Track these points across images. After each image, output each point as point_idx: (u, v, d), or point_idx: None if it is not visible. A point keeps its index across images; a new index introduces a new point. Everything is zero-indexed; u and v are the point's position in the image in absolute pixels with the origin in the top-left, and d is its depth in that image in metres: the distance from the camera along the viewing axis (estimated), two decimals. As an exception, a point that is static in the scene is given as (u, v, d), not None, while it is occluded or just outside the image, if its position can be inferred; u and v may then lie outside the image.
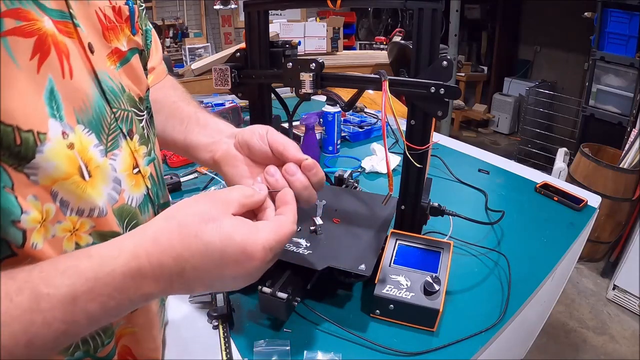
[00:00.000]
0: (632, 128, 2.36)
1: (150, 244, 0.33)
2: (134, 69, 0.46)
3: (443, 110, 0.59)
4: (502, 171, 1.19)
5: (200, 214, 0.35)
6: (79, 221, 0.36)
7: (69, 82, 0.35)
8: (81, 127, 0.36)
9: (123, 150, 0.41)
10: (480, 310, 0.66)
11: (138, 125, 0.45)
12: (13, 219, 0.30)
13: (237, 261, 0.34)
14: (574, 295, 2.13)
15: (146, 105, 0.49)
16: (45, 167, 0.32)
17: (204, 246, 0.33)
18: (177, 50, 4.43)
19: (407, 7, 0.57)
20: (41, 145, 0.31)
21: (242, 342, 0.59)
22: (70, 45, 0.36)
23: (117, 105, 0.41)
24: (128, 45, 0.45)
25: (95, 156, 0.37)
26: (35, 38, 0.32)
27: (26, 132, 0.30)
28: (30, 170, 0.31)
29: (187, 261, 0.33)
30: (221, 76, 0.68)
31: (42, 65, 0.32)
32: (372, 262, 0.61)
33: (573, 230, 0.90)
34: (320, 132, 1.30)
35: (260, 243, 0.35)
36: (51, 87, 0.33)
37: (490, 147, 4.09)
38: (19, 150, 0.30)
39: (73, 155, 0.34)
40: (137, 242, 0.33)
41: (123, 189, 0.41)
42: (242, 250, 0.34)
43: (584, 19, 2.90)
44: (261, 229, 0.36)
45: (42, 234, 0.33)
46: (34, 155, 0.31)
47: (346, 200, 0.80)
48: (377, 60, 2.90)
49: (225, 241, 0.34)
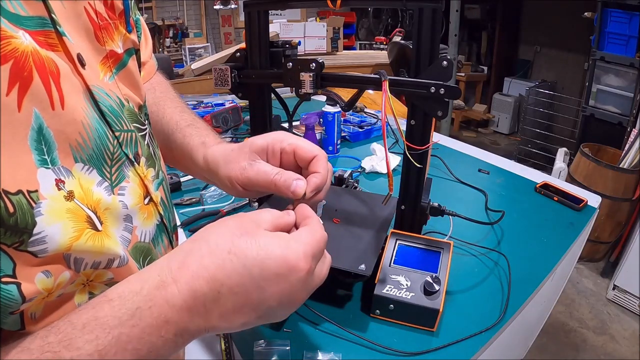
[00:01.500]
0: (632, 128, 2.36)
1: (178, 268, 0.28)
2: (132, 73, 0.41)
3: (443, 110, 0.59)
4: (502, 171, 1.19)
5: (232, 230, 0.31)
6: (94, 273, 0.31)
7: (61, 113, 0.28)
8: (80, 165, 0.30)
9: (131, 181, 0.36)
10: (480, 310, 0.66)
11: (143, 144, 0.40)
12: (12, 311, 0.25)
13: (279, 275, 0.29)
14: (574, 295, 2.13)
15: (145, 112, 0.44)
16: (52, 233, 0.26)
17: (239, 263, 0.29)
18: (177, 50, 4.44)
19: (407, 7, 0.57)
20: (37, 206, 0.25)
21: (242, 342, 0.59)
22: (58, 61, 0.29)
23: (119, 127, 0.35)
24: (124, 45, 0.39)
25: (102, 196, 0.31)
26: (11, 63, 0.24)
27: (15, 195, 0.24)
28: (37, 247, 0.25)
29: (222, 284, 0.28)
30: (221, 76, 0.68)
31: (24, 99, 0.25)
32: (372, 262, 0.60)
33: (573, 230, 0.90)
34: (320, 132, 1.30)
35: (302, 250, 0.31)
36: (39, 124, 0.26)
37: (490, 147, 4.09)
38: (15, 221, 0.24)
39: (75, 207, 0.28)
40: (161, 270, 0.28)
41: (135, 226, 0.36)
42: (283, 260, 0.30)
43: (584, 19, 2.90)
44: (296, 239, 0.32)
45: (42, 302, 0.28)
46: (34, 221, 0.25)
47: (346, 200, 0.80)
48: (377, 60, 2.90)
49: (263, 254, 0.29)
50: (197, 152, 0.51)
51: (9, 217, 0.24)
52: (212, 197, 0.96)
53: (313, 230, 0.34)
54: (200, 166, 0.50)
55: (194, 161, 0.51)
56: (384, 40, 4.31)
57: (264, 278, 0.29)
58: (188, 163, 0.53)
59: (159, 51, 4.31)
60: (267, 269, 0.29)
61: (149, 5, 4.27)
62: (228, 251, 0.29)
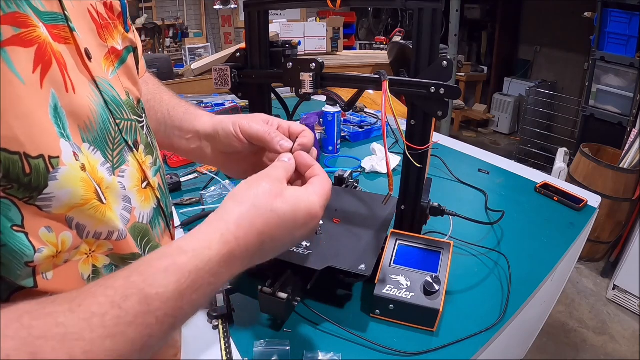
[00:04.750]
0: (632, 128, 2.36)
1: (235, 229, 0.35)
2: (131, 69, 0.44)
3: (443, 110, 0.59)
4: (502, 171, 1.19)
5: (268, 192, 0.38)
6: (95, 243, 0.34)
7: (73, 96, 0.32)
8: (87, 145, 0.34)
9: (130, 165, 0.40)
10: (480, 310, 0.66)
11: (142, 133, 0.44)
12: (26, 261, 0.28)
13: (305, 224, 0.39)
14: (574, 295, 2.13)
15: (142, 106, 0.47)
16: (60, 195, 0.29)
17: (279, 219, 0.37)
18: (177, 50, 4.44)
19: (407, 7, 0.57)
20: (54, 171, 0.28)
21: (242, 342, 0.59)
22: (66, 54, 0.33)
23: (120, 116, 0.39)
24: (123, 43, 0.43)
25: (105, 176, 0.35)
26: (36, 47, 0.28)
27: (36, 159, 0.27)
28: (43, 203, 0.28)
29: (267, 235, 0.36)
30: (221, 76, 0.68)
31: (45, 79, 0.29)
32: (372, 262, 0.61)
33: (573, 230, 0.90)
34: (320, 132, 1.30)
35: (318, 203, 0.40)
36: (55, 103, 0.30)
37: (490, 147, 4.09)
38: (29, 180, 0.27)
39: (88, 178, 0.32)
40: (223, 231, 0.34)
41: (134, 207, 0.39)
42: (308, 213, 0.39)
43: (584, 19, 2.90)
44: (312, 192, 0.40)
45: (52, 262, 0.31)
46: (47, 184, 0.28)
47: (346, 200, 0.80)
48: (377, 60, 2.90)
49: (295, 209, 0.38)
50: (201, 117, 0.55)
51: (24, 177, 0.27)
52: (212, 197, 0.96)
53: (322, 182, 0.42)
54: (204, 128, 0.54)
55: (196, 126, 0.55)
56: (384, 40, 4.32)
57: (295, 227, 0.38)
58: (189, 131, 0.56)
59: (159, 51, 4.31)
60: (297, 221, 0.38)
61: (149, 5, 4.27)
62: (270, 210, 0.37)
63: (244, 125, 0.49)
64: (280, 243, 0.38)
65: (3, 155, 0.26)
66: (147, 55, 2.98)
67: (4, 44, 0.26)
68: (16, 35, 0.27)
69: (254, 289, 0.59)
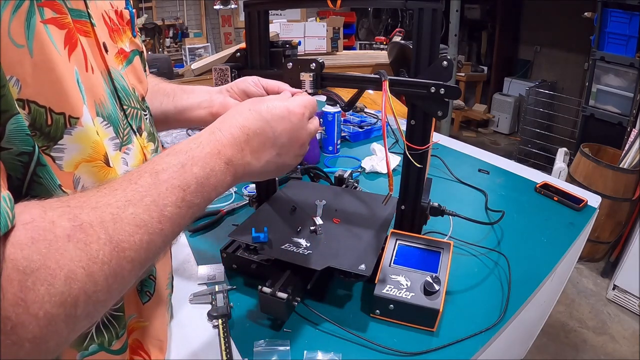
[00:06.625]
0: (632, 128, 2.36)
1: (219, 123, 0.43)
2: (136, 70, 0.50)
3: (443, 110, 0.59)
4: (502, 171, 1.19)
5: (250, 102, 0.47)
6: None
7: (91, 75, 0.38)
8: (100, 119, 0.39)
9: (135, 146, 0.44)
10: (480, 310, 0.66)
11: (145, 122, 0.49)
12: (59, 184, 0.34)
13: (283, 117, 0.46)
14: (574, 295, 2.13)
15: (146, 105, 0.52)
16: (71, 149, 0.34)
17: (257, 113, 0.45)
18: (177, 50, 4.44)
19: (407, 7, 0.57)
20: (70, 128, 0.34)
21: (242, 342, 0.59)
22: (86, 45, 0.38)
23: (127, 103, 0.44)
24: (130, 46, 0.49)
25: (108, 150, 0.39)
26: (66, 31, 0.34)
27: (58, 114, 0.33)
28: (56, 154, 0.33)
29: (249, 128, 0.43)
30: (221, 76, 0.68)
31: (71, 56, 0.35)
32: (372, 262, 0.61)
33: (573, 230, 0.90)
34: (320, 132, 1.30)
35: (296, 101, 0.48)
36: (77, 79, 0.35)
37: (490, 147, 4.09)
38: (49, 131, 0.32)
39: (100, 142, 0.37)
40: (209, 128, 0.42)
41: None
42: (284, 107, 0.46)
43: (584, 19, 2.90)
44: (294, 98, 0.49)
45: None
46: (62, 136, 0.33)
47: (346, 200, 0.80)
48: (377, 60, 2.91)
49: (271, 105, 0.46)
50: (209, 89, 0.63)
51: (46, 127, 0.32)
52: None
53: (305, 95, 0.51)
54: (211, 91, 0.62)
55: (203, 91, 0.62)
56: (384, 40, 4.32)
57: (273, 119, 0.45)
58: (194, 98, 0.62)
59: (159, 51, 4.31)
60: (274, 114, 0.45)
61: (149, 5, 4.27)
62: (249, 109, 0.45)
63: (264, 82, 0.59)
64: (266, 138, 0.45)
65: (33, 107, 0.31)
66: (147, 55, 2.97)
67: (47, 21, 0.32)
68: (54, 18, 0.33)
69: (254, 289, 0.59)
